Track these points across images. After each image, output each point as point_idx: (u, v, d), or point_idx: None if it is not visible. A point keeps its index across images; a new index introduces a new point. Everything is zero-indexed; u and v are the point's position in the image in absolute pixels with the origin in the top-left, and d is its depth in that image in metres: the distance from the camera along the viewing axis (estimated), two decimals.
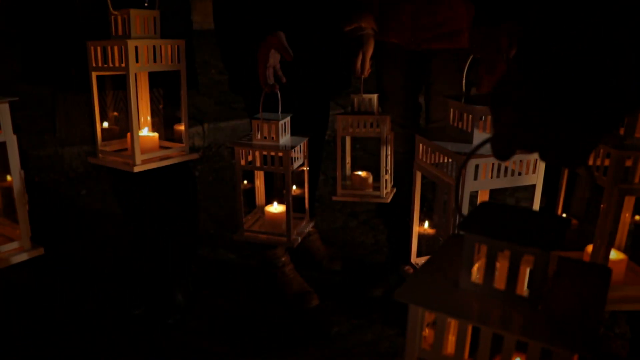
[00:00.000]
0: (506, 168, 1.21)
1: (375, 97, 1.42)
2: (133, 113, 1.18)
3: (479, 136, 1.21)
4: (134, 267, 1.73)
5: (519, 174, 1.23)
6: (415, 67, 1.56)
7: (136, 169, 1.21)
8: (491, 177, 1.19)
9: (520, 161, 1.20)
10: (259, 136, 1.29)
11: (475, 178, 1.17)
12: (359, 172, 1.48)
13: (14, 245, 0.93)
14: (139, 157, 1.22)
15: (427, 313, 0.54)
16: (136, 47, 1.16)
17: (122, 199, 1.70)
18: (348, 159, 1.54)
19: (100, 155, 1.31)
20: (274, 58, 1.27)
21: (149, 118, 1.42)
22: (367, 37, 1.37)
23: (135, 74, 1.24)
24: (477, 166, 1.16)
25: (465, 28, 1.46)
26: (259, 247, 1.79)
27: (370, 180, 1.49)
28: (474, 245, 0.53)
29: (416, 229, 1.39)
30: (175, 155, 1.33)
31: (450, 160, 1.22)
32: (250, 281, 1.89)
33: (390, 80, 1.58)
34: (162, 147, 1.37)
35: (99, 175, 2.81)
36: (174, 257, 1.67)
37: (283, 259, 1.77)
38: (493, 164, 1.18)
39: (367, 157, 3.03)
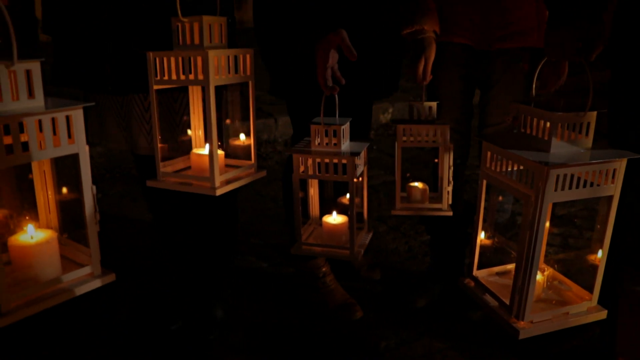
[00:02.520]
0: (585, 179, 1.15)
1: (434, 105, 1.35)
2: (213, 132, 1.08)
3: (557, 145, 1.15)
4: (168, 278, 1.64)
5: (597, 185, 1.17)
6: (472, 69, 1.50)
7: (218, 192, 1.13)
8: (570, 189, 1.13)
9: (600, 172, 1.15)
10: (318, 142, 1.21)
11: (556, 189, 1.11)
12: (415, 184, 1.41)
13: (85, 271, 0.84)
14: (218, 179, 1.13)
15: None
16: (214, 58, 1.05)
17: (156, 205, 1.61)
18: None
19: (161, 178, 1.19)
20: (333, 58, 1.19)
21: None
22: (428, 40, 1.29)
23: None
24: (557, 177, 1.10)
25: (535, 26, 1.41)
26: (297, 256, 1.71)
27: (428, 192, 1.42)
28: None
29: (479, 240, 1.33)
30: (247, 174, 1.24)
31: (521, 168, 1.16)
32: (286, 291, 1.81)
33: (447, 84, 1.51)
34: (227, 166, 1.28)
35: (113, 178, 2.71)
36: (212, 268, 1.59)
37: (324, 269, 1.70)
38: (572, 175, 1.12)
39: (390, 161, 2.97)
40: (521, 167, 1.16)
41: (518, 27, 1.41)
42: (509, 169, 1.20)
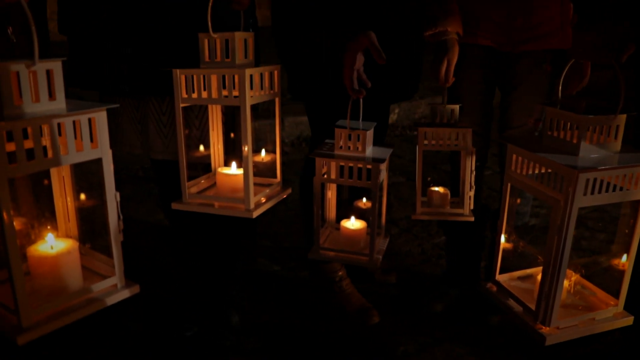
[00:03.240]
0: (615, 184, 1.12)
1: (457, 107, 1.32)
2: (249, 152, 1.04)
3: (586, 148, 1.12)
4: (183, 283, 1.60)
5: (627, 189, 1.14)
6: (494, 71, 1.48)
7: (255, 214, 1.10)
8: (600, 193, 1.10)
9: (629, 176, 1.12)
10: (341, 146, 1.18)
11: (585, 194, 1.08)
12: (436, 188, 1.38)
13: (110, 282, 0.79)
14: (253, 201, 1.09)
15: None
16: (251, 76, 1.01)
17: (175, 215, 1.56)
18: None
19: (188, 200, 1.14)
20: (360, 61, 1.15)
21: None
22: (451, 42, 1.26)
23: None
24: (587, 181, 1.07)
25: (559, 28, 1.39)
26: (312, 260, 1.67)
27: (449, 196, 1.39)
28: None
29: (502, 244, 1.30)
30: (275, 193, 1.21)
31: (548, 171, 1.13)
32: (300, 295, 1.78)
33: (469, 86, 1.48)
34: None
35: (120, 180, 2.67)
36: (228, 272, 1.55)
37: (340, 273, 1.67)
38: (602, 179, 1.09)
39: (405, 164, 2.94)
40: (548, 171, 1.13)
41: (542, 29, 1.39)
42: (536, 172, 1.17)
